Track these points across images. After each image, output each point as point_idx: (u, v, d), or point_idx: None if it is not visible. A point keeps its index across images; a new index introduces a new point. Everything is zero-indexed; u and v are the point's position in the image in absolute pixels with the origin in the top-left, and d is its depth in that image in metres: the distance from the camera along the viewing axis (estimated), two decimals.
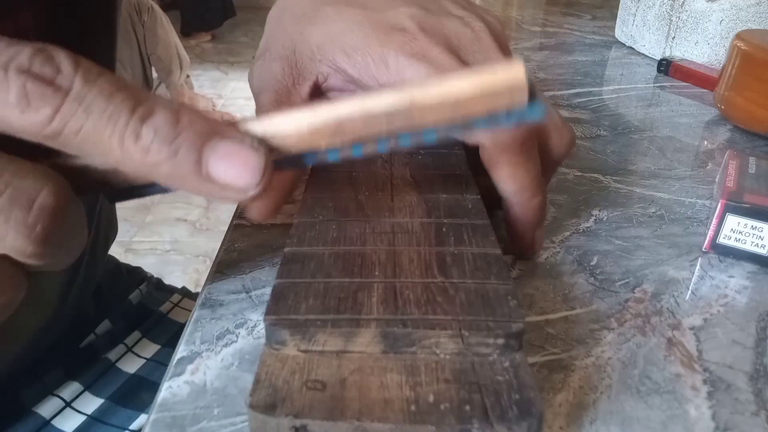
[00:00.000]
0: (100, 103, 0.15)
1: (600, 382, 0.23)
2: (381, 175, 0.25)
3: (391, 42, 0.25)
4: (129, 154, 0.16)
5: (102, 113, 0.15)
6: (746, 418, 0.21)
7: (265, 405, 0.16)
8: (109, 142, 0.16)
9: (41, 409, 0.41)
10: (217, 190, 0.17)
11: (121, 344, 0.47)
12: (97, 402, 0.43)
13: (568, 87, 0.58)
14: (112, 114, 0.15)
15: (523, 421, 0.16)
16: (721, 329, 0.26)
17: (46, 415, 0.41)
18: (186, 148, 0.16)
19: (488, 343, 0.18)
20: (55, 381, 0.43)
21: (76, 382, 0.43)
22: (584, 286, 0.28)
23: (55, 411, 0.42)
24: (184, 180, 0.17)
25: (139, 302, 0.51)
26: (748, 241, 0.30)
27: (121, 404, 0.43)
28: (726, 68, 0.49)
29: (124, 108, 0.16)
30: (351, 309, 0.18)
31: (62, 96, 0.15)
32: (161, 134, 0.16)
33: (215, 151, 0.17)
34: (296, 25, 0.27)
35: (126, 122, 0.16)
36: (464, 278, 0.20)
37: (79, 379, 0.44)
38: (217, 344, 0.24)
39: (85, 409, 0.43)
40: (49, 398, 0.42)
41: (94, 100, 0.15)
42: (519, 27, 0.86)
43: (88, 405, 0.43)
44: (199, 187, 0.17)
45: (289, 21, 0.27)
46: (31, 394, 0.42)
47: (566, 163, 0.41)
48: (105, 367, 0.45)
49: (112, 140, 0.16)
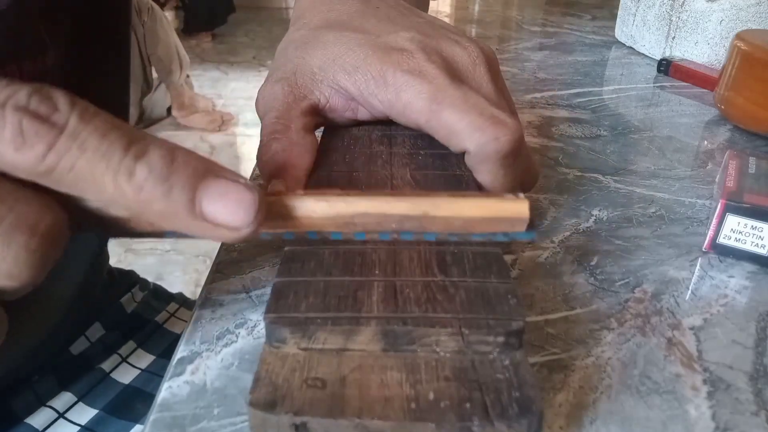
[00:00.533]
0: (94, 140, 0.16)
1: (600, 382, 0.23)
2: (381, 175, 0.25)
3: (390, 60, 0.26)
4: (122, 191, 0.16)
5: (96, 150, 0.15)
6: (746, 418, 0.21)
7: (265, 403, 0.16)
8: (102, 179, 0.16)
9: (34, 420, 0.41)
10: (210, 228, 0.17)
11: (115, 354, 0.46)
12: (91, 413, 0.43)
13: (568, 87, 0.58)
14: (106, 151, 0.16)
15: (523, 419, 0.16)
16: (721, 329, 0.26)
17: (39, 426, 0.41)
18: (180, 186, 0.16)
19: (488, 341, 0.18)
20: (48, 391, 0.42)
21: (69, 392, 0.43)
22: (584, 286, 0.28)
23: (48, 422, 0.41)
24: (177, 218, 0.17)
25: (135, 311, 0.51)
26: (748, 241, 0.30)
27: (115, 415, 0.43)
28: (726, 68, 0.49)
29: (119, 146, 0.16)
30: (351, 307, 0.18)
31: (57, 133, 0.15)
32: (155, 172, 0.16)
33: (209, 190, 0.17)
34: (298, 51, 0.28)
35: (120, 159, 0.16)
36: (464, 277, 0.20)
37: (72, 390, 0.43)
38: (217, 344, 0.24)
39: (79, 419, 0.42)
40: (41, 409, 0.41)
41: (89, 138, 0.15)
42: (519, 27, 0.86)
43: (82, 416, 0.42)
44: (192, 225, 0.17)
45: (292, 49, 0.28)
46: (23, 404, 0.41)
47: (566, 163, 0.41)
48: (99, 378, 0.44)
49: (106, 178, 0.16)
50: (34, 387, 0.42)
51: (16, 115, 0.15)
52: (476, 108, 0.24)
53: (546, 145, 0.44)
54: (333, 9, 0.29)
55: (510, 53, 0.71)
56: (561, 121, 0.49)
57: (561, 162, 0.41)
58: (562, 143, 0.45)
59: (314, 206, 0.19)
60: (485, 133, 0.24)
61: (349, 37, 0.27)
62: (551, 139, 0.45)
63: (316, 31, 0.28)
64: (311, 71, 0.27)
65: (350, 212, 0.19)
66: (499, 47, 0.74)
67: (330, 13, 0.29)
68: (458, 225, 0.20)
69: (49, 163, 0.15)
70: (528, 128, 0.48)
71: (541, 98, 0.55)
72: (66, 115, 0.15)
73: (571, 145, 0.44)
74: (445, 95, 0.24)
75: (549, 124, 0.49)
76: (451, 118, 0.24)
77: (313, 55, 0.27)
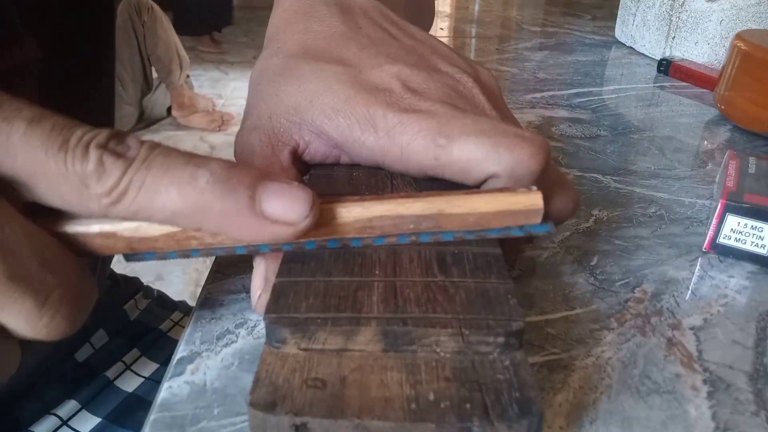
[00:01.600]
0: (159, 158, 0.18)
1: (600, 382, 0.23)
2: (381, 175, 0.25)
3: (376, 101, 0.23)
4: (186, 197, 0.17)
5: (161, 166, 0.17)
6: (746, 418, 0.21)
7: (265, 403, 0.16)
8: (167, 191, 0.17)
9: (38, 428, 0.41)
10: (268, 225, 0.18)
11: (119, 362, 0.46)
12: (94, 421, 0.43)
13: (568, 87, 0.58)
14: (170, 165, 0.18)
15: (524, 420, 0.16)
16: (721, 329, 0.26)
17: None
18: (241, 185, 0.18)
19: (488, 342, 0.18)
20: (53, 399, 0.42)
21: (74, 400, 0.43)
22: (584, 286, 0.28)
23: (51, 429, 0.41)
24: (237, 217, 0.18)
25: (138, 319, 0.51)
26: (748, 241, 0.30)
27: (117, 424, 0.43)
28: (726, 68, 0.49)
29: (181, 160, 0.18)
30: (351, 307, 0.18)
31: (130, 162, 0.17)
32: (216, 174, 0.18)
33: (267, 189, 0.18)
34: (271, 86, 0.25)
35: (183, 169, 0.18)
36: (464, 277, 0.20)
37: (76, 397, 0.43)
38: (217, 344, 0.24)
39: (83, 427, 0.42)
40: (46, 417, 0.41)
41: (155, 158, 0.18)
42: (519, 27, 0.86)
43: (85, 424, 0.42)
44: (251, 223, 0.18)
45: (264, 84, 0.25)
46: (28, 412, 0.41)
47: (566, 163, 0.41)
48: (103, 385, 0.44)
49: (171, 189, 0.17)
50: (40, 395, 0.42)
51: (97, 151, 0.17)
52: (494, 130, 0.22)
53: None
54: (309, 30, 0.26)
55: (510, 53, 0.71)
56: (561, 121, 0.50)
57: (561, 162, 0.41)
58: (562, 143, 0.45)
59: (334, 213, 0.20)
60: (517, 153, 0.21)
61: (327, 71, 0.24)
62: (551, 139, 0.45)
63: (290, 60, 0.25)
64: (287, 112, 0.24)
65: (368, 216, 0.20)
66: (499, 47, 0.74)
67: (306, 36, 0.26)
68: (473, 221, 0.20)
69: (123, 186, 0.17)
70: (528, 128, 0.48)
71: (541, 98, 0.55)
72: (137, 150, 0.18)
73: (571, 145, 0.44)
74: (451, 126, 0.22)
75: (549, 124, 0.49)
76: (467, 147, 0.22)
77: (288, 92, 0.24)
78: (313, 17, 0.27)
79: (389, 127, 0.23)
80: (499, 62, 0.67)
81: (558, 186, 0.24)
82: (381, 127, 0.23)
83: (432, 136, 0.22)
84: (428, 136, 0.22)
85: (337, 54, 0.25)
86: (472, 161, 0.22)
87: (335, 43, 0.25)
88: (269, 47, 0.27)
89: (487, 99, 0.25)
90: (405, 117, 0.22)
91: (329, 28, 0.26)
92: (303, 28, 0.26)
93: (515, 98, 0.55)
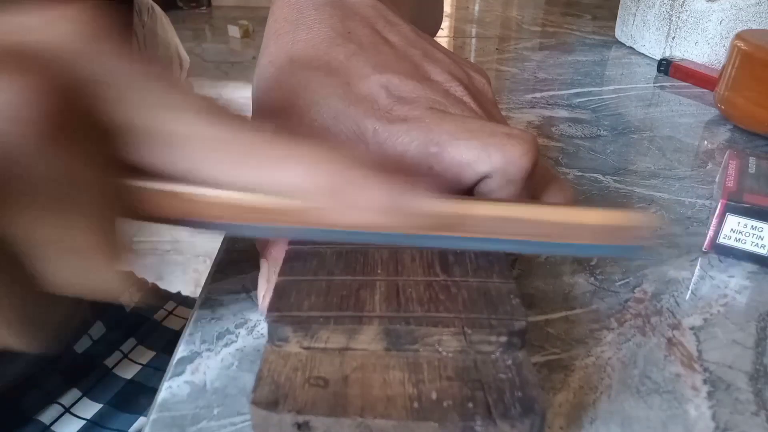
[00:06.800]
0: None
1: (600, 382, 0.23)
2: None
3: (365, 114, 0.23)
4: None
5: None
6: (746, 418, 0.21)
7: (267, 401, 0.16)
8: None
9: (42, 417, 0.42)
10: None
11: (117, 351, 0.47)
12: (96, 407, 0.43)
13: (568, 87, 0.58)
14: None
15: (526, 419, 0.16)
16: (721, 329, 0.26)
17: (47, 421, 0.42)
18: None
19: (491, 341, 0.18)
20: (55, 389, 0.43)
21: (75, 388, 0.44)
22: (584, 286, 0.28)
23: (55, 417, 0.42)
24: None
25: (134, 309, 0.52)
26: (748, 241, 0.30)
27: (119, 408, 0.44)
28: (726, 68, 0.49)
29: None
30: (353, 306, 0.18)
31: None
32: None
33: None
34: (263, 102, 0.25)
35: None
36: (466, 276, 0.20)
37: (77, 386, 0.44)
38: (217, 344, 0.24)
39: (84, 414, 0.43)
40: (49, 406, 0.42)
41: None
42: (519, 27, 0.86)
43: (87, 410, 0.43)
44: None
45: (257, 101, 0.25)
46: (32, 402, 0.42)
47: (566, 163, 0.41)
48: (102, 374, 0.45)
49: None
50: (42, 385, 0.43)
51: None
52: (482, 131, 0.22)
53: (546, 145, 0.44)
54: (297, 40, 0.26)
55: (510, 53, 0.71)
56: (561, 120, 0.50)
57: (561, 162, 0.41)
58: (562, 143, 0.45)
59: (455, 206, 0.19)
60: (508, 152, 0.21)
61: (314, 83, 0.24)
62: (551, 139, 0.45)
63: (280, 73, 0.25)
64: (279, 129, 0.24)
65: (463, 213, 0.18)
66: (499, 47, 0.74)
67: (294, 46, 0.25)
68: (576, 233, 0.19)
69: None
70: (528, 128, 0.48)
71: (541, 98, 0.55)
72: None
73: (571, 145, 0.44)
74: (441, 132, 0.22)
75: (549, 124, 0.49)
76: (457, 151, 0.22)
77: (278, 109, 0.24)
78: (301, 25, 0.26)
79: (381, 140, 0.22)
80: (499, 62, 0.67)
81: (549, 181, 0.24)
82: (372, 142, 0.23)
83: (424, 145, 0.22)
84: (420, 146, 0.22)
85: (325, 62, 0.24)
86: (464, 164, 0.22)
87: (323, 51, 0.25)
88: (264, 54, 0.27)
89: (478, 106, 0.25)
90: (394, 129, 0.22)
91: (318, 35, 0.26)
92: (291, 39, 0.26)
93: (515, 98, 0.55)
